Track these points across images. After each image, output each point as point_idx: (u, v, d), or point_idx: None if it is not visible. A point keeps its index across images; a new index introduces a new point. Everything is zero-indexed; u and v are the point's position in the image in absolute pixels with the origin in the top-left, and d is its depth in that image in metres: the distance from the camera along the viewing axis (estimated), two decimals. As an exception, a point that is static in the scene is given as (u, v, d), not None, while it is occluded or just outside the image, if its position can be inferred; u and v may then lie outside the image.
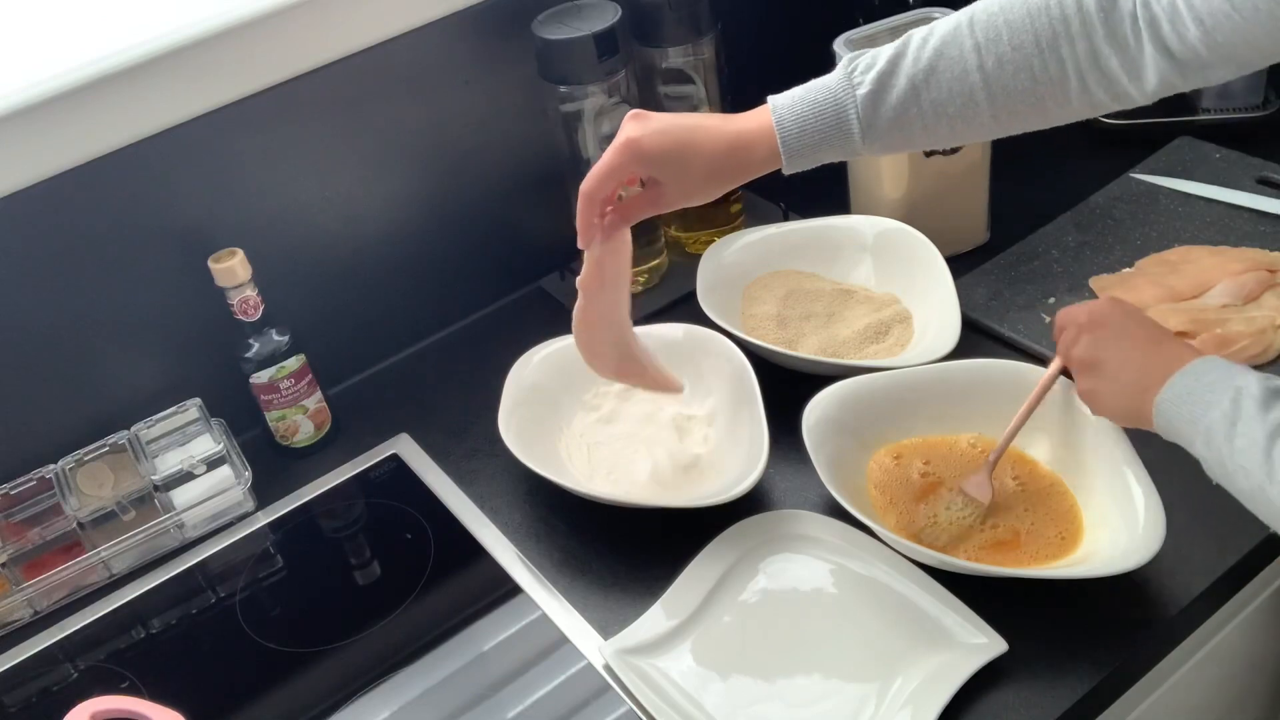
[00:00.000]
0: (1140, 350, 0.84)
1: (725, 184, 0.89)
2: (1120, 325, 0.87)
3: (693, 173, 0.87)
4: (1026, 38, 0.81)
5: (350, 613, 0.99)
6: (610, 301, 0.95)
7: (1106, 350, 0.86)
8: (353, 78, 1.11)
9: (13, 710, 0.96)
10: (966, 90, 0.83)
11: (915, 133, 0.86)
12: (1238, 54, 0.76)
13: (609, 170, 0.86)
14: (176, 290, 1.10)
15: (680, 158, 0.86)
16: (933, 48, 0.84)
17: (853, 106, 0.85)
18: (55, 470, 1.07)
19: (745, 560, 0.94)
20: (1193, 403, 0.78)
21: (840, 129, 0.86)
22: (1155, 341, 0.85)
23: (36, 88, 0.97)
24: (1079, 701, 0.83)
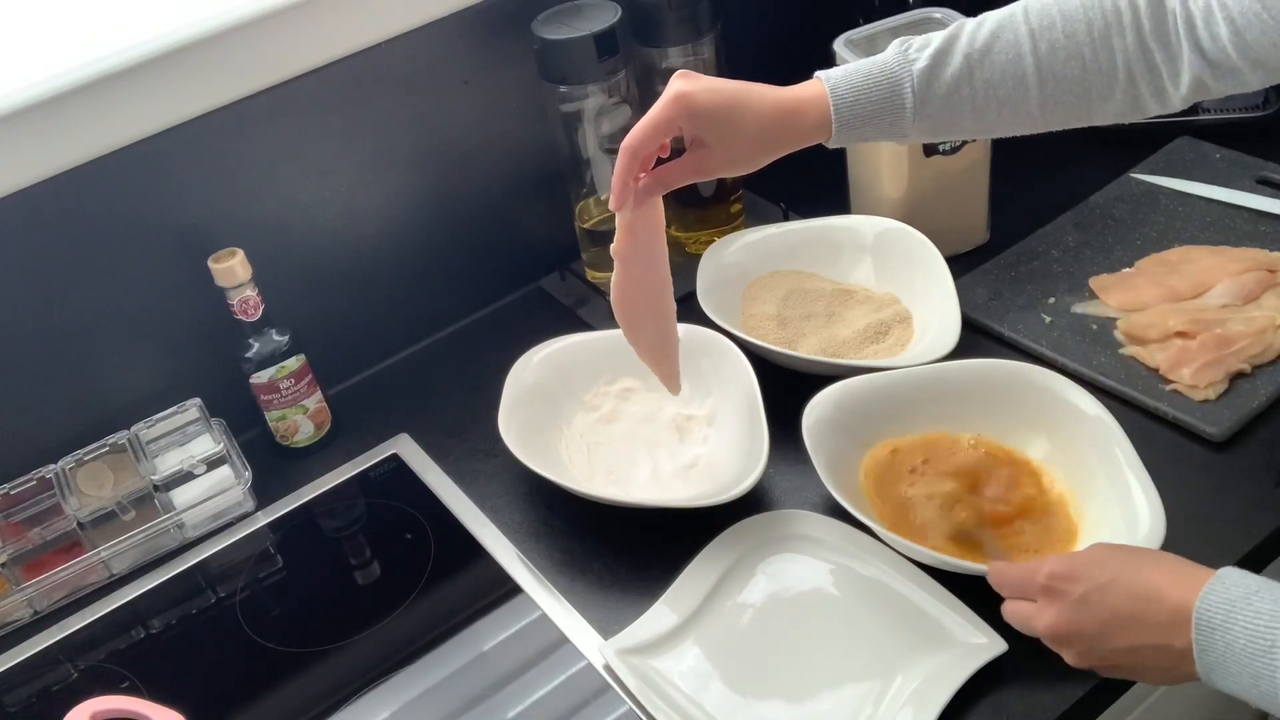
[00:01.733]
0: (1136, 625, 0.72)
1: (771, 151, 0.88)
2: (1087, 611, 0.74)
3: (741, 135, 0.85)
4: (1080, 26, 0.83)
5: (350, 613, 0.99)
6: (647, 269, 0.92)
7: (1102, 651, 0.74)
8: (353, 78, 1.11)
9: (13, 710, 0.96)
10: (1019, 74, 0.85)
11: (964, 115, 0.86)
12: (1267, 57, 0.76)
13: (656, 125, 0.83)
14: (176, 290, 1.10)
15: (731, 117, 0.85)
16: (988, 30, 0.85)
17: (908, 80, 0.85)
18: (55, 470, 1.07)
19: (745, 560, 0.94)
20: (1248, 675, 0.67)
21: (893, 103, 0.86)
22: (1139, 597, 0.72)
23: (36, 88, 0.97)
24: (1079, 701, 0.83)
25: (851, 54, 1.16)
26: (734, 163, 0.87)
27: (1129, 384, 1.03)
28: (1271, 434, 0.98)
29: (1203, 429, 0.98)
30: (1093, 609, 0.73)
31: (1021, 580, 0.79)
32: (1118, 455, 0.91)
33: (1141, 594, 0.72)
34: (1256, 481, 0.94)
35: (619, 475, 1.04)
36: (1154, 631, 0.71)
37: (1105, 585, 0.73)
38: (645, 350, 0.96)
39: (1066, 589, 0.75)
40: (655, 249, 0.91)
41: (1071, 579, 0.75)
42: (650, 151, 0.85)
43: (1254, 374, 1.02)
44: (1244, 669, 0.66)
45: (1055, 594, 0.75)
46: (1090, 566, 0.75)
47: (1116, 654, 0.73)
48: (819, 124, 0.87)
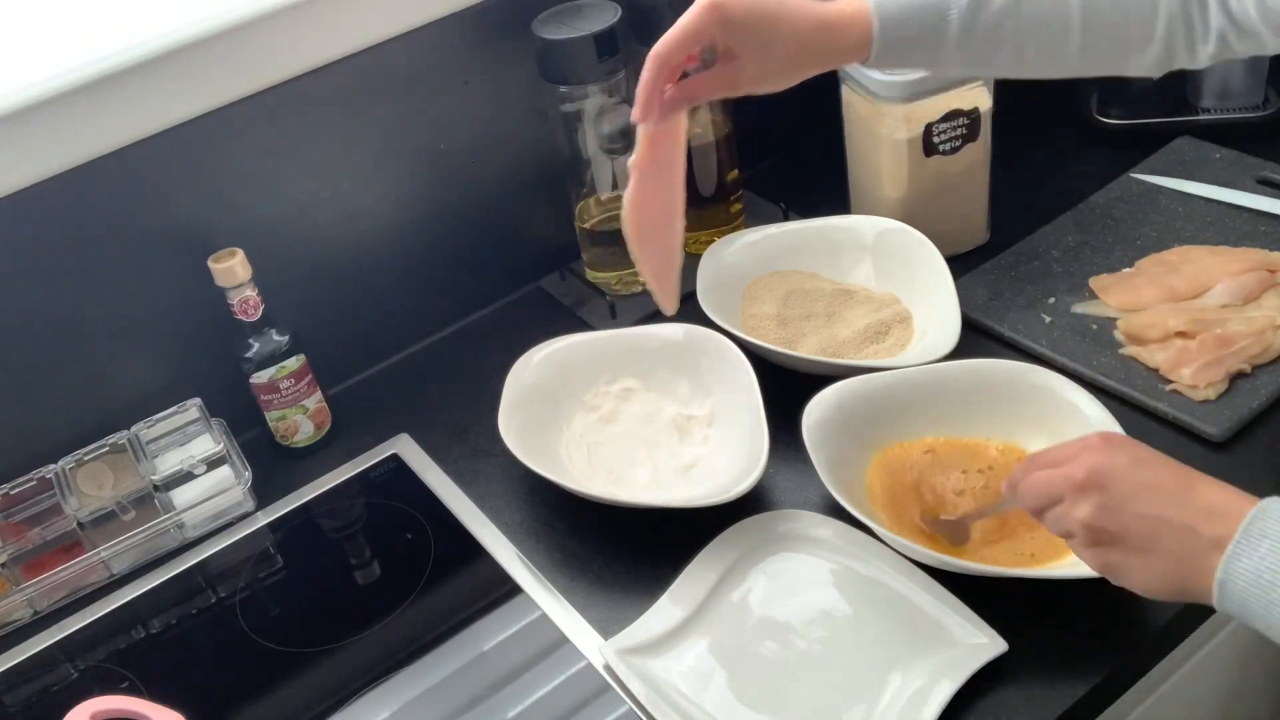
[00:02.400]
0: (1173, 500, 0.68)
1: (805, 68, 0.85)
2: (1131, 475, 0.70)
3: (777, 47, 0.83)
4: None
5: (350, 613, 1.00)
6: (664, 185, 0.89)
7: (1123, 515, 0.70)
8: (353, 78, 1.11)
9: (13, 710, 0.96)
10: (1063, 15, 0.84)
11: (1004, 50, 0.85)
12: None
13: (687, 33, 0.80)
14: (176, 290, 1.10)
15: (767, 27, 0.82)
16: None
17: (955, 7, 0.84)
18: (55, 470, 1.07)
19: (745, 560, 0.94)
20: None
21: (938, 27, 0.84)
22: (1185, 483, 0.69)
23: (36, 88, 0.97)
24: (1079, 701, 0.83)
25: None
26: (765, 78, 0.84)
27: (1129, 384, 1.03)
28: (1271, 434, 0.98)
29: (1203, 429, 0.98)
30: (1138, 470, 0.70)
31: (1053, 454, 0.75)
32: (1118, 455, 0.91)
33: (1191, 481, 0.69)
34: (1256, 481, 0.94)
35: (619, 475, 1.04)
36: (1188, 512, 0.67)
37: (1158, 460, 0.71)
38: (649, 267, 0.94)
39: (1121, 446, 0.72)
40: (674, 165, 0.89)
41: (1128, 444, 0.72)
42: (679, 61, 0.82)
43: (1254, 374, 1.02)
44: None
45: (1110, 447, 0.72)
46: (1146, 446, 0.73)
47: (1137, 521, 0.69)
48: (859, 42, 0.84)
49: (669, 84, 0.83)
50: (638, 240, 0.91)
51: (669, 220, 0.92)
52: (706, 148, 1.24)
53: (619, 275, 1.25)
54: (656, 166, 0.87)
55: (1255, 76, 1.32)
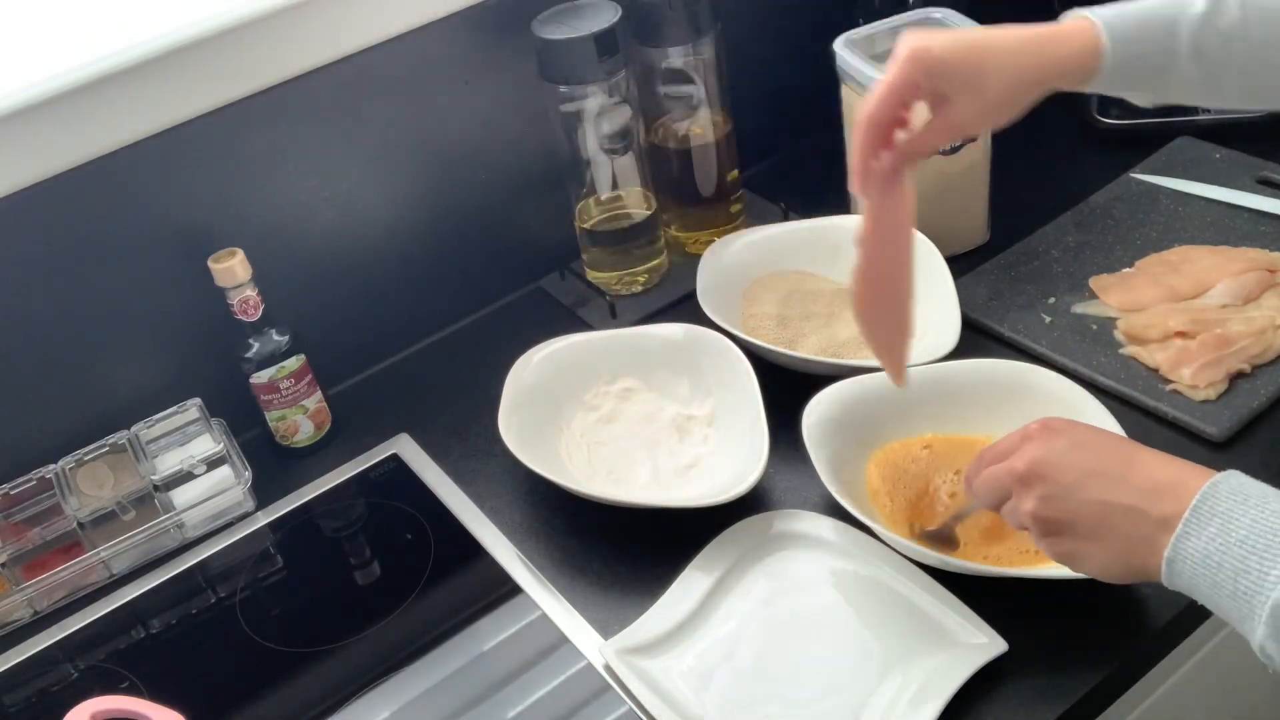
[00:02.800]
0: (1115, 482, 0.68)
1: (1026, 97, 0.80)
2: (1071, 461, 0.70)
3: (991, 82, 0.77)
4: None
5: (350, 613, 1.00)
6: (892, 259, 0.83)
7: (1068, 504, 0.70)
8: (353, 78, 1.11)
9: (13, 710, 0.96)
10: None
11: (1230, 74, 0.81)
12: None
13: (894, 90, 0.75)
14: (176, 290, 1.10)
15: (977, 64, 0.77)
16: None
17: (1187, 24, 0.80)
18: (55, 470, 1.07)
19: (745, 560, 0.94)
20: (1232, 568, 0.62)
21: (1168, 43, 0.80)
22: (1127, 462, 0.69)
23: (36, 88, 0.97)
24: (1079, 701, 0.83)
25: (852, 54, 1.16)
26: (985, 117, 0.81)
27: (1129, 384, 1.03)
28: (1271, 434, 0.98)
29: (1203, 429, 0.98)
30: (1078, 454, 0.70)
31: (997, 450, 0.75)
32: (1118, 455, 0.91)
33: (1132, 459, 0.69)
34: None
35: (619, 475, 1.04)
36: (1135, 493, 0.67)
37: (1098, 440, 0.70)
38: (877, 342, 0.88)
39: (1060, 431, 0.71)
40: (902, 237, 0.83)
41: (1067, 428, 0.72)
42: (889, 121, 0.76)
43: (1254, 374, 1.02)
44: (1231, 564, 0.62)
45: (1048, 433, 0.72)
46: (1086, 425, 0.72)
47: (1084, 507, 0.69)
48: (1083, 62, 0.78)
49: (884, 149, 0.78)
50: (866, 317, 0.86)
51: (898, 294, 0.85)
52: (706, 148, 1.24)
53: (619, 275, 1.26)
54: (882, 240, 0.82)
55: (1255, 76, 1.32)
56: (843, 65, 1.18)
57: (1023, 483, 0.72)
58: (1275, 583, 0.60)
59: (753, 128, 1.31)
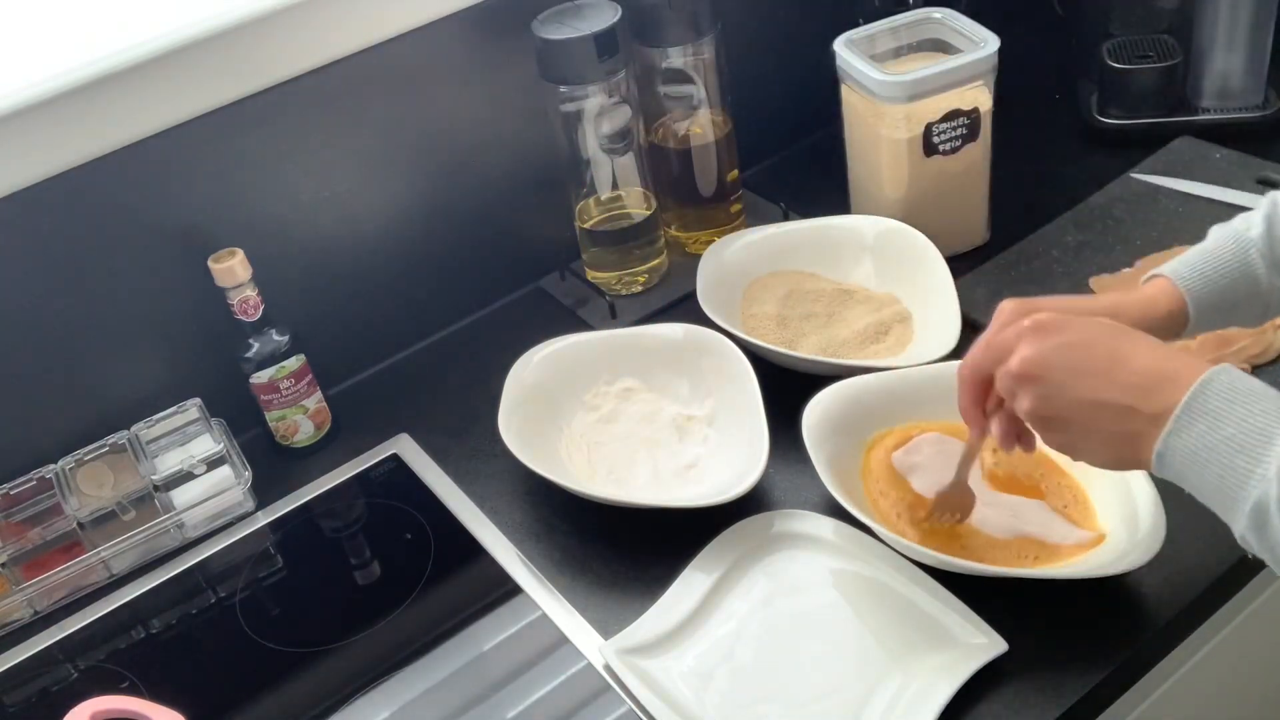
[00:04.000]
0: (1106, 381, 0.69)
1: None
2: (1063, 361, 0.71)
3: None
4: None
5: (350, 613, 0.99)
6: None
7: (1061, 402, 0.71)
8: (353, 78, 1.11)
9: (13, 710, 0.96)
10: None
11: None
12: None
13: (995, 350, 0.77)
14: (176, 290, 1.10)
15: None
16: None
17: (1252, 246, 0.84)
18: (55, 470, 1.07)
19: (745, 560, 0.94)
20: (1219, 465, 0.65)
21: (1244, 270, 0.83)
22: (1116, 359, 0.70)
23: (36, 88, 0.97)
24: (1079, 701, 0.83)
25: (852, 54, 1.16)
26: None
27: (1129, 384, 1.03)
28: (1271, 434, 0.98)
29: (1203, 429, 0.98)
30: (1070, 354, 0.71)
31: (989, 347, 0.76)
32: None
33: (1125, 355, 0.70)
34: (1256, 481, 0.94)
35: (619, 475, 1.04)
36: (1125, 391, 0.69)
37: (1090, 337, 0.71)
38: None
39: (1052, 329, 0.72)
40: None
41: (1059, 325, 0.72)
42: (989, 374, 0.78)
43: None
44: (1219, 461, 0.65)
45: (1041, 332, 0.72)
46: (1080, 318, 0.73)
47: (1075, 406, 0.70)
48: (1172, 318, 0.82)
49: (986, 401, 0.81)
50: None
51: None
52: (706, 148, 1.24)
53: (619, 275, 1.26)
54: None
55: (1255, 76, 1.32)
56: (843, 65, 1.18)
57: (1018, 381, 0.73)
58: (1259, 481, 0.63)
59: (753, 128, 1.31)
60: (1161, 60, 1.32)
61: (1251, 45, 1.30)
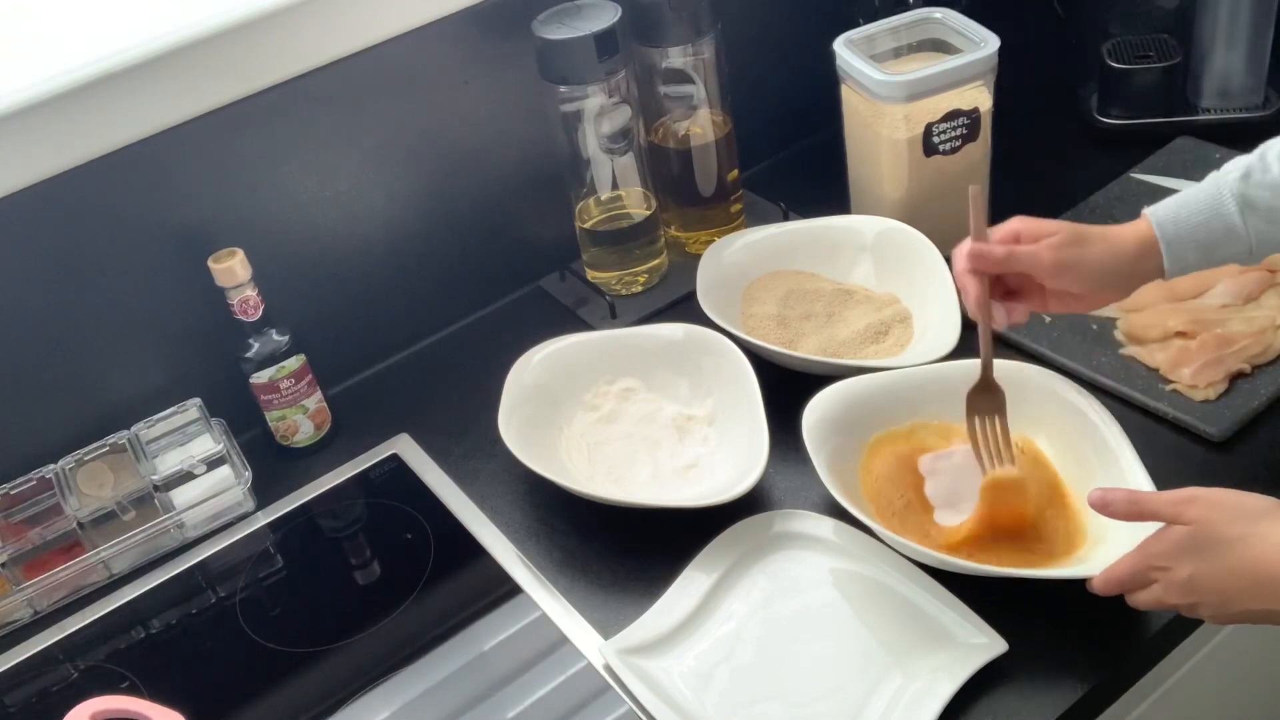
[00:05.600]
0: (1250, 598, 0.75)
1: (1110, 295, 0.93)
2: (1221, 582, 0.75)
3: (1080, 284, 0.90)
4: None
5: (350, 613, 1.00)
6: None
7: (1210, 610, 0.77)
8: (353, 78, 1.11)
9: (13, 710, 0.96)
10: None
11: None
12: None
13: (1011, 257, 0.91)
14: (176, 290, 1.10)
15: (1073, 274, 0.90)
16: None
17: (1227, 188, 0.89)
18: (55, 470, 1.07)
19: (745, 560, 0.94)
20: None
21: (1217, 209, 0.88)
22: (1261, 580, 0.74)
23: (36, 88, 0.97)
24: (1079, 701, 0.83)
25: (851, 54, 1.16)
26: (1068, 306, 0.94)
27: (1129, 384, 1.03)
28: (1271, 434, 0.98)
29: (1203, 429, 0.98)
30: (1199, 585, 0.75)
31: (1132, 574, 0.79)
32: (1117, 455, 0.91)
33: (1245, 571, 0.73)
34: (1257, 481, 0.94)
35: (619, 475, 1.04)
36: (1262, 601, 0.73)
37: (1207, 565, 0.75)
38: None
39: (1173, 570, 0.76)
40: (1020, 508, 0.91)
41: (1175, 560, 0.76)
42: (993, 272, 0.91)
43: (1254, 374, 1.02)
44: None
45: (1164, 574, 0.77)
46: (1189, 547, 0.76)
47: (1236, 615, 0.76)
48: (1144, 247, 0.89)
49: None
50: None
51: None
52: (706, 148, 1.24)
53: (619, 275, 1.26)
54: None
55: (1255, 76, 1.32)
56: (843, 65, 1.18)
57: (1175, 594, 0.77)
58: None
59: (753, 128, 1.31)
60: (1161, 60, 1.32)
61: (1251, 45, 1.30)
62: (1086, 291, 0.91)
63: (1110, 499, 0.80)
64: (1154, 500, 0.78)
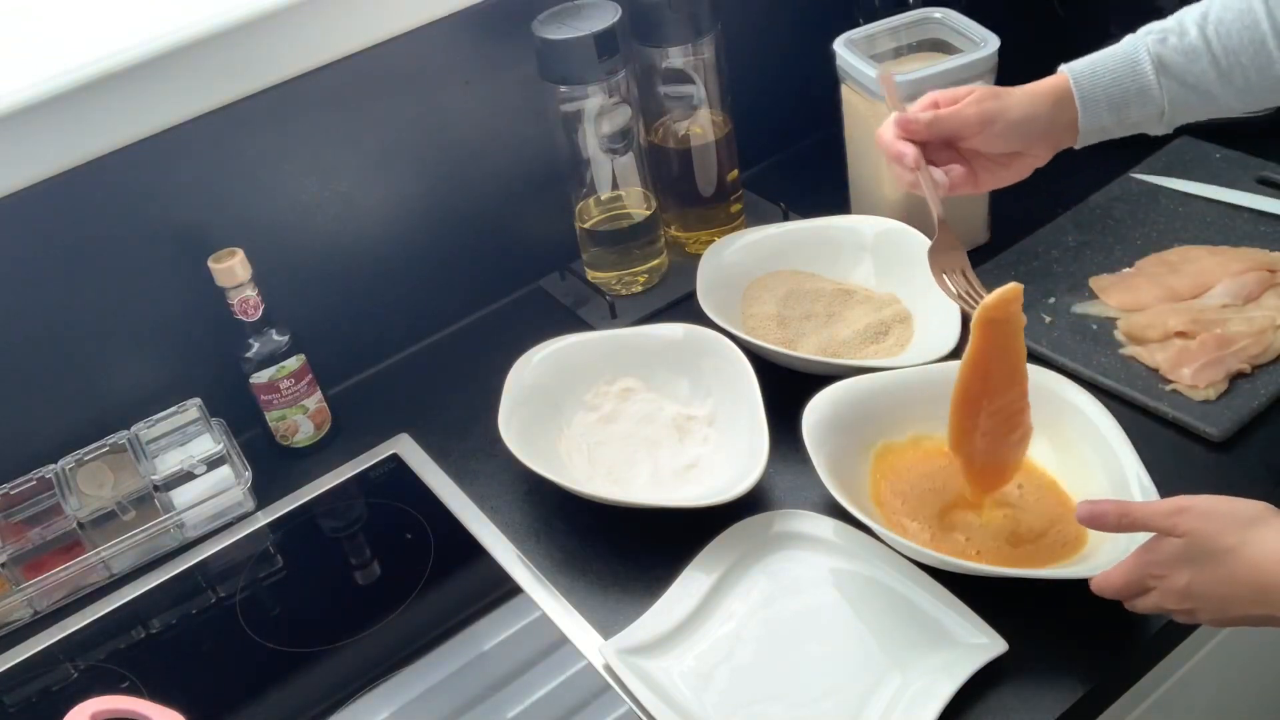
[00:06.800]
0: (1248, 604, 0.75)
1: (1034, 158, 0.96)
2: (1217, 591, 0.76)
3: (999, 143, 0.93)
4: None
5: (350, 613, 1.00)
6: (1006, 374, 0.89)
7: (1207, 616, 0.78)
8: (353, 78, 1.11)
9: (13, 710, 0.96)
10: (1256, 41, 0.89)
11: (1211, 80, 0.90)
12: None
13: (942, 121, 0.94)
14: (176, 290, 1.10)
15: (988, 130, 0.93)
16: (1219, 3, 0.90)
17: (1144, 48, 0.90)
18: (55, 470, 1.07)
19: (745, 560, 0.94)
20: None
21: (1132, 67, 0.91)
22: (1259, 588, 0.74)
23: (36, 88, 0.97)
24: (1079, 701, 0.83)
25: (852, 54, 1.16)
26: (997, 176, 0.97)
27: (1129, 384, 1.03)
28: (1271, 434, 0.98)
29: (1203, 429, 0.98)
30: (1198, 591, 0.75)
31: (1129, 581, 0.79)
32: (1117, 455, 0.91)
33: (1241, 577, 0.74)
34: (1256, 481, 0.94)
35: (619, 475, 1.04)
36: (1260, 607, 0.74)
37: (1204, 571, 0.75)
38: (965, 455, 0.92)
39: (1170, 578, 0.76)
40: (1014, 352, 0.88)
41: (1173, 568, 0.76)
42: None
43: (1254, 374, 1.02)
44: None
45: (1162, 581, 0.77)
46: (1185, 554, 0.76)
47: (1235, 620, 0.76)
48: (1059, 98, 0.93)
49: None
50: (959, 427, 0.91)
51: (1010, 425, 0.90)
52: (706, 148, 1.24)
53: (619, 275, 1.26)
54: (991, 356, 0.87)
55: (1255, 76, 1.32)
56: (843, 65, 1.18)
57: (1173, 598, 0.77)
58: None
59: (753, 128, 1.31)
60: (1161, 60, 1.32)
61: (1251, 45, 1.30)
62: (1010, 147, 0.94)
63: (1099, 511, 0.79)
64: (1144, 511, 0.78)
